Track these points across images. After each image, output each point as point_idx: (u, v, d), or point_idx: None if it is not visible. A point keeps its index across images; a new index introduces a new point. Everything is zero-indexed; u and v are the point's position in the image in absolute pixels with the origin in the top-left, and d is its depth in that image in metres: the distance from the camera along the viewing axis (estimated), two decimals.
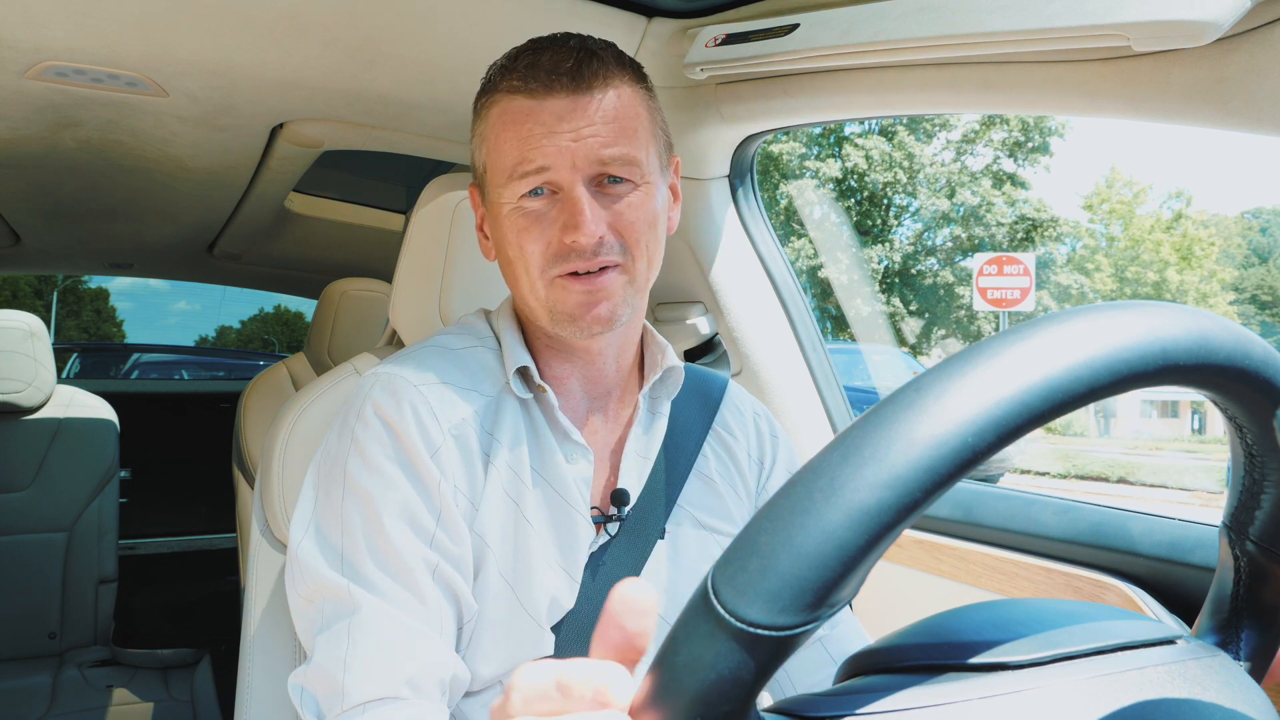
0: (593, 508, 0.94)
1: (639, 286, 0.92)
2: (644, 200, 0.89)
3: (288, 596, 0.87)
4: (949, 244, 22.02)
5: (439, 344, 0.96)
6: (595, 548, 0.93)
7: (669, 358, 0.99)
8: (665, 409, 1.01)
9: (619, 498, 0.95)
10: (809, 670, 0.98)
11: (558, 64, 0.86)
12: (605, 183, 0.88)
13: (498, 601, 0.87)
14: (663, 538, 0.96)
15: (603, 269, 0.88)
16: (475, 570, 0.87)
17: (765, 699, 0.97)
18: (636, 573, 0.94)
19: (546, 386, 0.92)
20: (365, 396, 0.89)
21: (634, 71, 0.92)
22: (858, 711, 0.43)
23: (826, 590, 0.37)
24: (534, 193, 0.87)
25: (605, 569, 0.92)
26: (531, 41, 0.90)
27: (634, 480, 0.97)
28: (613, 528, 0.94)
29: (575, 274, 0.88)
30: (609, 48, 0.90)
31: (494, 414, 0.92)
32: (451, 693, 0.84)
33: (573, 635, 0.90)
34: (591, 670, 0.41)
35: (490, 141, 0.90)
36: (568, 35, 0.90)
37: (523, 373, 0.94)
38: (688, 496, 1.00)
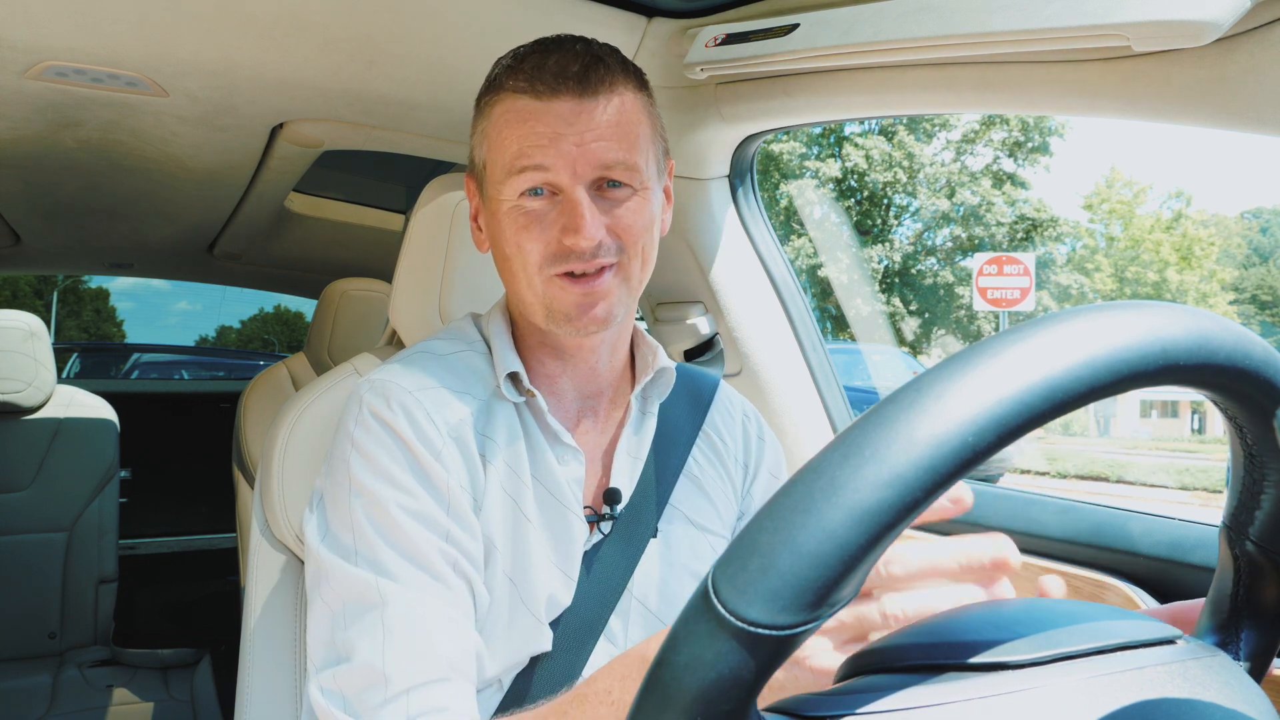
0: (586, 507, 0.95)
1: (633, 287, 0.93)
2: (641, 205, 0.90)
3: (309, 603, 0.87)
4: (949, 244, 22.01)
5: (426, 349, 0.97)
6: (589, 546, 0.94)
7: (660, 359, 1.00)
8: (655, 409, 1.02)
9: (611, 497, 0.96)
10: None
11: (564, 67, 0.86)
12: (605, 186, 0.89)
13: (501, 597, 0.88)
14: (655, 536, 0.97)
15: (600, 270, 0.89)
16: (484, 565, 0.88)
17: None
18: (630, 570, 0.95)
19: (536, 391, 0.93)
20: (362, 403, 0.89)
21: (637, 78, 0.93)
22: (858, 711, 0.43)
23: (827, 590, 0.37)
24: (534, 193, 0.88)
25: (599, 566, 0.93)
26: (538, 42, 0.91)
27: (625, 480, 0.98)
28: (606, 526, 0.95)
29: (572, 275, 0.88)
30: (614, 53, 0.91)
31: (487, 416, 0.92)
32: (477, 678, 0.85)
33: (570, 632, 0.91)
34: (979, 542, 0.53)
35: (492, 138, 0.90)
36: (573, 38, 0.91)
37: (513, 378, 0.94)
38: (678, 496, 1.01)
